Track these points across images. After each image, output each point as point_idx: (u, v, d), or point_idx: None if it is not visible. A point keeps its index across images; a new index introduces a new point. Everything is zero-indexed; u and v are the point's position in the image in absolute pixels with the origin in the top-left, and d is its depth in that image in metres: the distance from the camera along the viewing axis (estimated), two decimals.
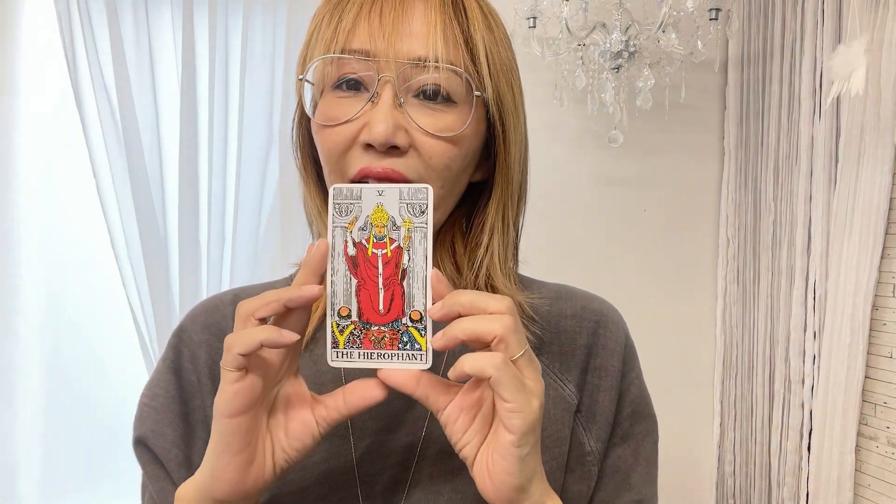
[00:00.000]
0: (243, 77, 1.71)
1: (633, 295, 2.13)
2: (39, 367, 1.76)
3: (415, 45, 0.51)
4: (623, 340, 0.63)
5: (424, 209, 0.47)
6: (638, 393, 0.63)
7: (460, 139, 0.54)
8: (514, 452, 0.44)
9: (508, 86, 0.57)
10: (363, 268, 0.47)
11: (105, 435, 1.79)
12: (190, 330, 0.62)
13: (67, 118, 1.68)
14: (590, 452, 0.58)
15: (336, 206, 0.47)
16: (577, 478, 0.58)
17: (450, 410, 0.46)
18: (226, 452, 0.45)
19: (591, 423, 0.59)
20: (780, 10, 1.91)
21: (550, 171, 2.04)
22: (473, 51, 0.53)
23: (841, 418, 1.69)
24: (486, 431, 0.46)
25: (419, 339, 0.47)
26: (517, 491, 0.45)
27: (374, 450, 0.56)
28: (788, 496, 1.85)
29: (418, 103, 0.52)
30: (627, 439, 0.61)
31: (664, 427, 2.45)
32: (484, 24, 0.55)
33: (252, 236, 1.75)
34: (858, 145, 1.64)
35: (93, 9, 1.61)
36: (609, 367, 0.60)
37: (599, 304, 0.64)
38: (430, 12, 0.52)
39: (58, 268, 1.76)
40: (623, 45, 1.75)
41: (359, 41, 0.52)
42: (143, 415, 0.60)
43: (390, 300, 0.47)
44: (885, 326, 1.66)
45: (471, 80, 0.53)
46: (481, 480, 0.46)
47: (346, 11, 0.52)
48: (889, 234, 1.63)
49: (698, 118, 2.16)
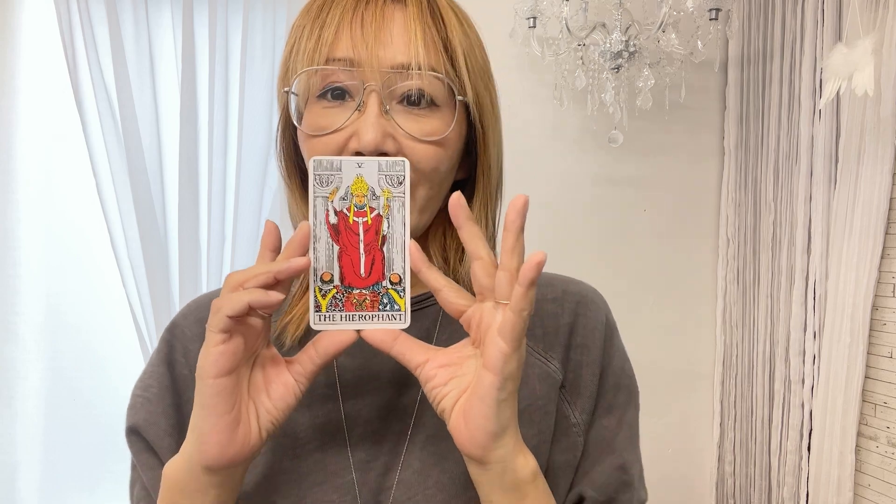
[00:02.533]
0: (243, 77, 1.71)
1: (633, 295, 2.13)
2: (39, 367, 1.76)
3: (397, 52, 0.53)
4: (603, 319, 0.66)
5: (402, 180, 0.49)
6: (619, 366, 0.65)
7: (446, 142, 0.56)
8: (493, 395, 0.45)
9: (486, 88, 0.59)
10: (344, 235, 0.49)
11: (105, 435, 1.79)
12: (183, 325, 0.64)
13: (67, 118, 1.68)
14: (575, 424, 0.61)
15: (317, 178, 0.49)
16: (563, 448, 0.60)
17: (429, 367, 0.48)
18: (212, 414, 0.46)
19: (576, 397, 0.62)
20: (780, 10, 1.91)
21: (550, 171, 2.04)
22: (453, 55, 0.55)
23: (841, 418, 1.69)
24: (463, 386, 0.48)
25: (398, 300, 0.50)
26: (492, 437, 0.46)
27: (368, 437, 0.58)
28: (788, 496, 1.85)
29: (403, 109, 0.54)
30: (612, 410, 0.63)
31: (664, 427, 2.45)
32: (460, 29, 0.57)
33: (252, 236, 1.75)
34: (858, 145, 1.64)
35: (93, 9, 1.61)
36: (591, 345, 0.63)
37: (578, 286, 0.68)
38: (409, 20, 0.54)
39: (58, 268, 1.76)
40: (623, 45, 1.75)
41: (342, 50, 0.53)
42: (136, 405, 0.61)
43: (371, 264, 0.49)
44: (885, 326, 1.66)
45: (452, 85, 0.55)
46: (457, 427, 0.47)
47: (328, 23, 0.54)
48: (889, 234, 1.63)
49: (698, 118, 2.16)
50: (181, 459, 0.49)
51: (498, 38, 1.95)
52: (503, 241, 0.46)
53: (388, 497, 0.56)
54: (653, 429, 2.19)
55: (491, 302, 0.47)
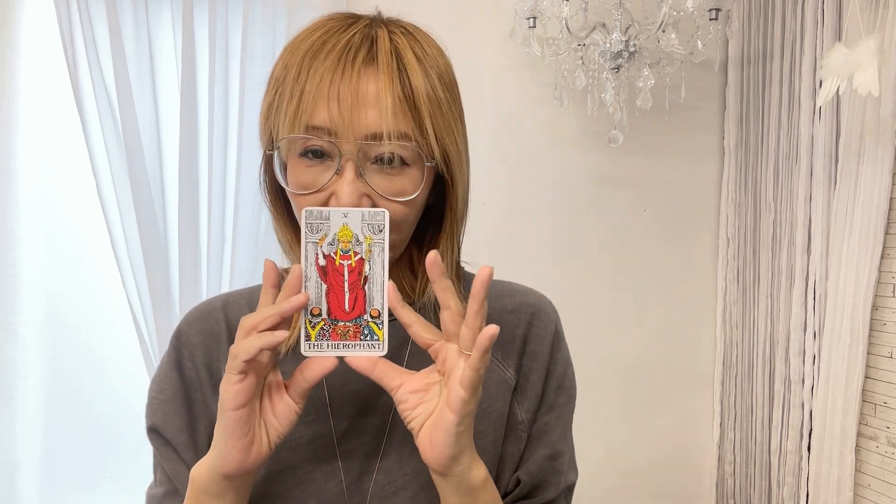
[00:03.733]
0: (243, 77, 1.71)
1: (633, 295, 2.13)
2: (39, 367, 1.76)
3: (370, 122, 0.59)
4: (553, 329, 0.75)
5: (382, 228, 0.58)
6: (562, 371, 0.75)
7: (414, 199, 0.63)
8: (453, 430, 0.55)
9: (452, 137, 0.65)
10: (332, 275, 0.58)
11: (105, 435, 1.79)
12: (187, 333, 0.72)
13: (67, 118, 1.68)
14: (521, 422, 0.71)
15: (308, 226, 0.57)
16: (511, 442, 0.71)
17: (403, 391, 0.58)
18: (231, 438, 0.56)
19: (524, 398, 0.72)
20: (780, 10, 1.91)
21: (550, 171, 2.04)
22: (421, 123, 0.61)
23: (841, 418, 1.69)
24: (430, 410, 0.57)
25: (378, 331, 0.58)
26: (451, 459, 0.57)
27: (351, 430, 0.68)
28: (788, 496, 1.85)
29: (377, 169, 0.61)
30: (552, 408, 0.73)
31: (664, 427, 2.44)
32: (426, 85, 0.62)
33: (252, 236, 1.75)
34: (858, 145, 1.64)
35: (93, 9, 1.61)
36: (539, 352, 0.73)
37: (534, 298, 0.76)
38: (381, 91, 0.59)
39: (58, 268, 1.76)
40: (623, 45, 1.75)
41: (320, 118, 0.59)
42: (153, 406, 0.70)
43: (354, 301, 0.58)
44: (885, 326, 1.66)
45: (420, 151, 0.62)
46: (423, 448, 0.57)
47: (307, 92, 0.59)
48: (889, 234, 1.63)
49: (698, 118, 2.16)
50: (205, 467, 0.59)
51: (498, 38, 1.95)
52: (469, 304, 0.55)
53: (370, 479, 0.67)
54: (653, 429, 2.19)
55: (456, 346, 0.57)
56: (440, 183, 0.68)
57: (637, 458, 2.17)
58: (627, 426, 2.17)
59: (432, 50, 0.65)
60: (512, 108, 2.01)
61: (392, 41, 0.62)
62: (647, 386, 2.16)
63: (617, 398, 2.14)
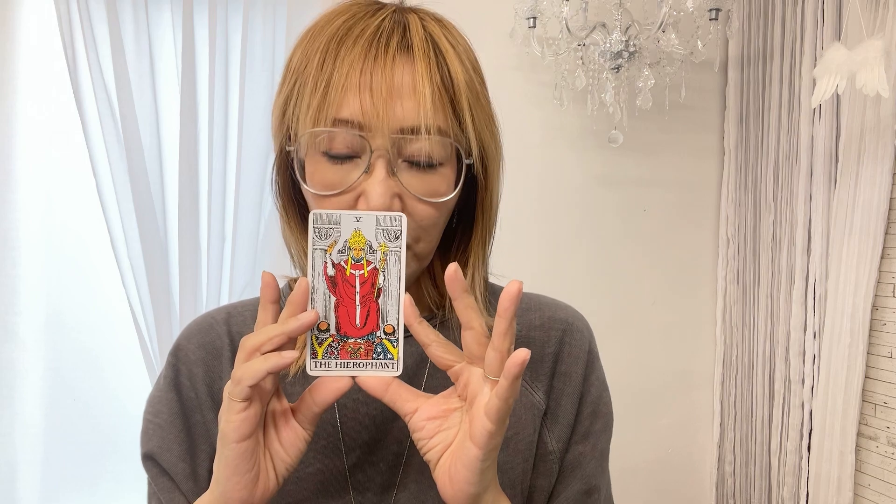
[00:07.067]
0: (243, 77, 1.71)
1: (634, 295, 2.13)
2: (39, 368, 1.76)
3: (406, 113, 0.52)
4: (587, 347, 0.68)
5: (399, 234, 0.51)
6: (597, 394, 0.68)
7: (448, 201, 0.57)
8: (477, 466, 0.48)
9: (491, 135, 0.59)
10: (341, 287, 0.51)
11: (104, 436, 1.79)
12: (186, 349, 0.65)
13: (67, 118, 1.68)
14: (552, 451, 0.64)
15: (316, 230, 0.50)
16: (540, 473, 0.63)
17: (418, 417, 0.50)
18: (235, 474, 0.49)
19: (555, 425, 0.64)
20: (780, 10, 1.91)
21: (550, 171, 2.04)
22: (460, 114, 0.55)
23: (841, 418, 1.69)
24: (448, 440, 0.50)
25: (392, 349, 0.51)
26: (473, 498, 0.49)
27: (365, 459, 0.60)
28: (788, 496, 1.85)
29: (408, 167, 0.54)
30: (587, 437, 0.66)
31: (664, 427, 2.45)
32: (465, 76, 0.56)
33: (252, 236, 1.75)
34: (858, 145, 1.64)
35: (93, 9, 1.61)
36: (573, 373, 0.66)
37: (565, 313, 0.69)
38: (418, 78, 0.53)
39: (58, 268, 1.76)
40: (623, 45, 1.75)
41: (349, 110, 0.52)
42: (148, 431, 0.63)
43: (366, 316, 0.51)
44: (885, 326, 1.66)
45: (459, 148, 0.55)
46: (442, 484, 0.50)
47: (334, 84, 0.52)
48: (889, 234, 1.63)
49: (698, 118, 2.16)
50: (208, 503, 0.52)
51: (498, 38, 1.95)
52: (496, 324, 0.47)
53: None
54: (653, 429, 2.19)
55: (480, 370, 0.49)
56: (468, 185, 0.61)
57: (637, 458, 2.17)
58: (627, 426, 2.17)
59: (463, 40, 0.59)
60: (512, 108, 2.01)
61: (425, 28, 0.56)
62: (647, 387, 2.16)
63: (617, 398, 2.14)
